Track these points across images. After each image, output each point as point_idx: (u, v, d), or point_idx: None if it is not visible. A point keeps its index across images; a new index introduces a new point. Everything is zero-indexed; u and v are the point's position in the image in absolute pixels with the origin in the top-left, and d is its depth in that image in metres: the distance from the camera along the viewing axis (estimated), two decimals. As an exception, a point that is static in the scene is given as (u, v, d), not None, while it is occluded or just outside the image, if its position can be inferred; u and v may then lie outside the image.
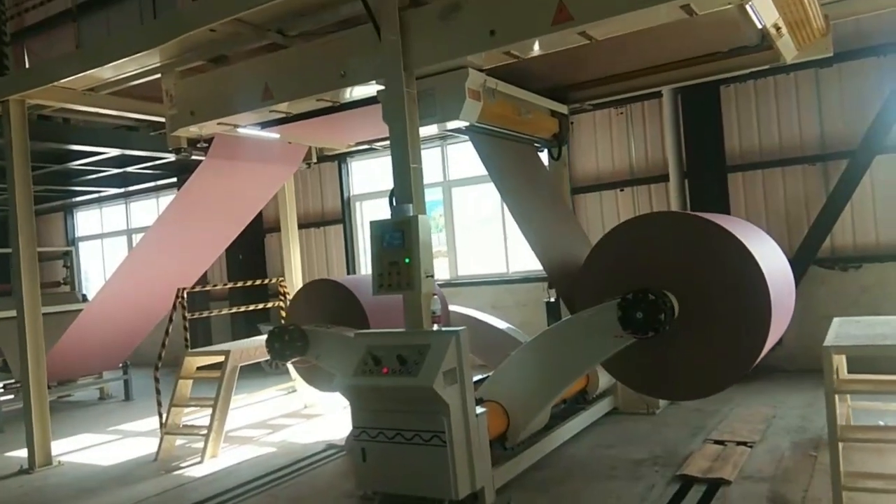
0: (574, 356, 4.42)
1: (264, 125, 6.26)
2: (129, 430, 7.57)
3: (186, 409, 6.46)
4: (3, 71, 8.09)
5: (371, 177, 11.25)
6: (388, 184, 10.63)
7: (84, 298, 10.23)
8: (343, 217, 11.15)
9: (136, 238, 14.10)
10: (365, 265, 11.14)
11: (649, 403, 6.20)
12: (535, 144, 6.18)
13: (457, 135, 5.43)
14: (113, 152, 9.25)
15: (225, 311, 8.49)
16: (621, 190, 8.86)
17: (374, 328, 5.47)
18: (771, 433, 5.31)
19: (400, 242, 4.30)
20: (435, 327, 4.35)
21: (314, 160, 7.89)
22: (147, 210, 14.06)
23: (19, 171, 6.30)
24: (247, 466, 5.71)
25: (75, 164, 10.28)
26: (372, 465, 4.30)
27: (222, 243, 8.04)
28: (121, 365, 9.44)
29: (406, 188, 4.46)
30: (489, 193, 9.97)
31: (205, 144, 6.39)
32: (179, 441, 6.44)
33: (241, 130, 6.25)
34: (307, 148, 7.56)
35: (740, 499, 4.10)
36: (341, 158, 11.04)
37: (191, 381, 6.51)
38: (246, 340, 7.34)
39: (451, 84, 4.61)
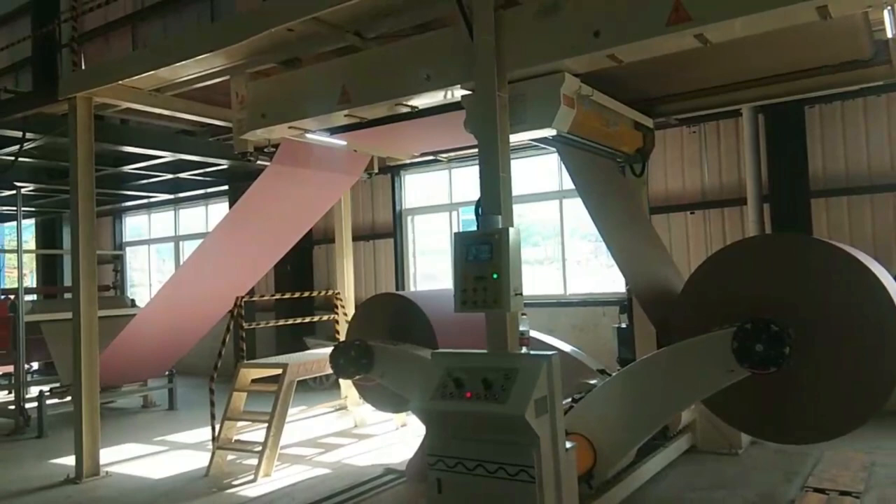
0: (676, 389, 4.03)
1: (333, 131, 6.05)
2: (175, 442, 7.33)
3: (239, 424, 6.18)
4: (55, 74, 8.05)
5: (424, 191, 11.00)
6: (441, 198, 10.56)
7: (133, 303, 10.12)
8: (394, 231, 10.89)
9: (185, 245, 14.07)
10: (414, 281, 10.86)
11: (731, 442, 5.76)
12: (618, 160, 5.82)
13: (541, 146, 5.10)
14: (169, 156, 9.13)
15: (281, 323, 8.23)
16: (692, 213, 8.43)
17: (441, 347, 5.14)
18: (875, 483, 4.82)
19: (488, 256, 3.97)
20: (523, 350, 3.99)
21: (375, 170, 7.64)
22: (196, 217, 14.01)
23: (83, 172, 6.16)
24: (302, 489, 5.40)
25: (129, 167, 10.23)
26: (448, 498, 3.94)
27: (278, 253, 7.82)
28: (166, 373, 9.26)
29: (494, 198, 4.14)
30: (546, 209, 9.66)
31: (272, 149, 6.19)
32: (230, 456, 6.17)
33: (309, 136, 6.03)
34: (369, 158, 7.32)
35: (863, 558, 3.64)
36: (395, 171, 10.82)
37: (245, 395, 6.24)
38: (302, 353, 7.08)
39: (545, 89, 4.29)
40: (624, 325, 6.76)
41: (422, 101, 4.99)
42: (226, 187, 12.58)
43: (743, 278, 4.04)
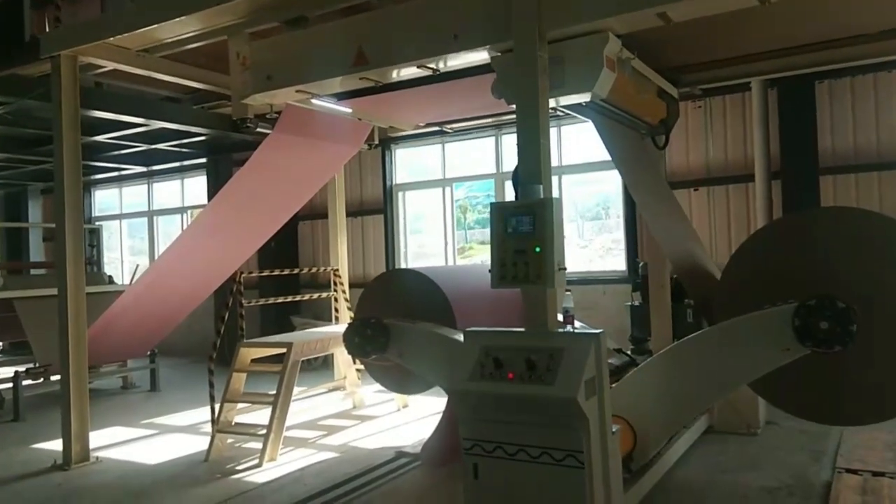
0: (724, 370, 3.83)
1: (340, 97, 5.70)
2: (165, 425, 6.97)
3: (239, 406, 5.85)
4: (21, 37, 7.47)
5: (415, 166, 10.67)
6: (433, 173, 10.22)
7: (110, 280, 9.64)
8: (385, 207, 10.54)
9: (159, 220, 13.52)
10: (405, 259, 10.55)
11: (749, 423, 5.65)
12: (641, 131, 5.59)
13: (571, 113, 4.82)
14: (150, 125, 8.60)
15: (280, 300, 7.84)
16: (695, 189, 8.28)
17: (460, 326, 4.88)
18: (914, 464, 4.73)
19: (529, 228, 3.71)
20: (568, 328, 3.76)
21: (376, 141, 7.30)
22: (171, 191, 13.45)
23: (69, 138, 5.70)
24: (312, 473, 5.12)
25: (102, 136, 9.65)
26: (486, 485, 3.71)
27: (275, 226, 7.45)
28: (148, 353, 8.84)
29: (535, 166, 3.86)
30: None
31: (274, 115, 5.81)
32: (229, 440, 5.85)
33: (314, 102, 5.67)
34: (371, 127, 6.97)
35: (921, 543, 3.52)
36: (385, 144, 10.45)
37: (244, 375, 5.91)
38: (304, 332, 6.77)
39: (588, 50, 4.01)
40: (637, 304, 6.58)
41: (447, 63, 4.68)
42: (203, 160, 12.07)
43: (793, 254, 3.85)
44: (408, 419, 6.73)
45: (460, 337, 4.55)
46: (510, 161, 9.49)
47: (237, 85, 5.41)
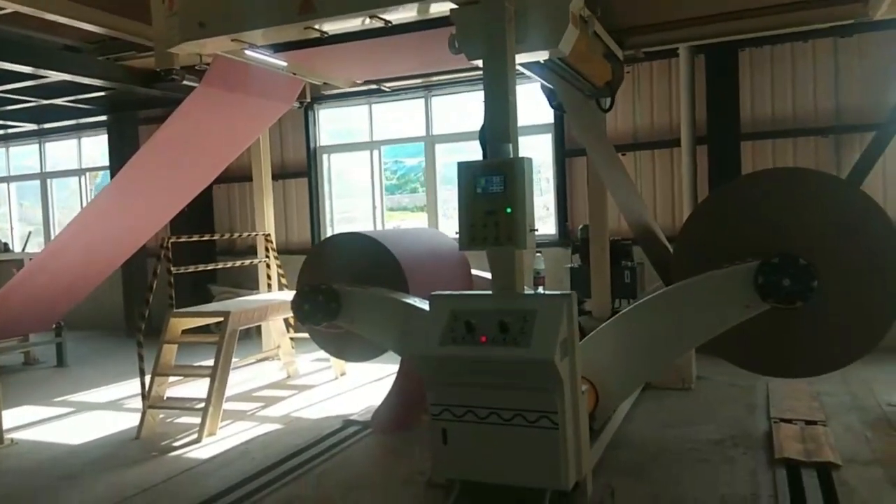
0: (685, 328, 3.91)
1: (277, 49, 5.35)
2: (82, 403, 6.47)
3: (170, 379, 5.50)
4: None
5: (338, 128, 10.30)
6: (359, 135, 9.92)
7: (6, 248, 8.79)
8: (308, 170, 10.13)
9: (53, 183, 12.46)
10: (331, 224, 10.23)
11: (683, 378, 5.88)
12: (586, 93, 5.57)
13: (524, 72, 4.71)
14: (52, 76, 7.79)
15: (211, 267, 7.42)
16: (623, 154, 8.41)
17: (412, 292, 4.75)
18: (832, 412, 5.06)
19: (500, 188, 3.61)
20: (540, 290, 3.71)
21: (308, 99, 6.96)
22: (66, 151, 12.39)
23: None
24: (258, 447, 4.90)
25: (-9, 89, 8.71)
26: (456, 449, 3.65)
27: (195, 189, 6.96)
28: (54, 326, 8.17)
29: (503, 125, 3.75)
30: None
31: (203, 66, 5.38)
32: (160, 416, 5.50)
33: (248, 53, 5.29)
34: (303, 84, 6.62)
35: (863, 483, 3.77)
36: (308, 105, 9.99)
37: (175, 347, 5.54)
38: (240, 300, 6.41)
39: (554, 5, 3.91)
40: (577, 266, 6.66)
41: (400, 14, 4.44)
42: (104, 118, 11.15)
43: (747, 214, 3.96)
44: (347, 387, 6.57)
45: (416, 301, 4.46)
46: (440, 124, 9.34)
47: (162, 32, 4.97)
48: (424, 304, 4.44)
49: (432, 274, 5.18)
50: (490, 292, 3.82)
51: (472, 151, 9.53)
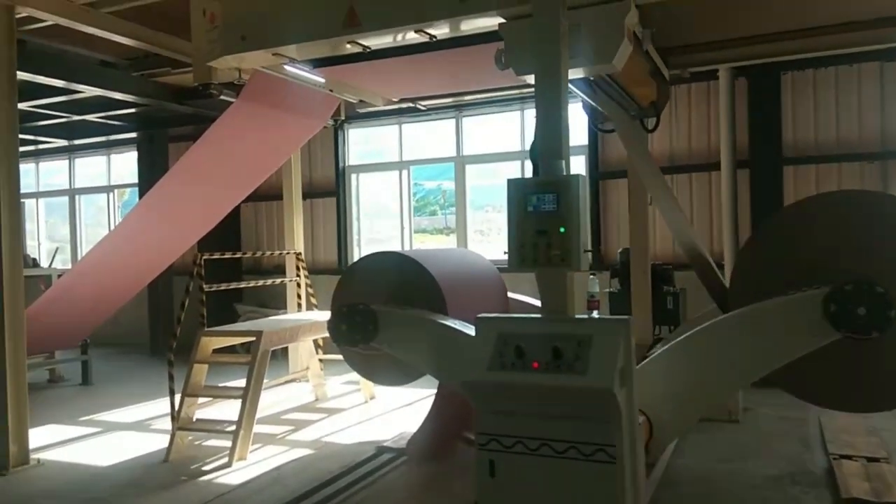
0: (746, 358, 3.69)
1: (317, 64, 5.27)
2: (108, 422, 6.34)
3: (200, 400, 5.35)
4: None
5: (365, 149, 10.24)
6: (388, 155, 9.84)
7: (35, 263, 8.77)
8: (337, 189, 10.05)
9: (81, 199, 12.51)
10: (358, 244, 10.12)
11: (730, 409, 5.63)
12: (631, 113, 5.42)
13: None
14: (85, 91, 7.78)
15: (243, 285, 7.28)
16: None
17: (451, 314, 4.58)
18: (894, 447, 4.79)
19: (553, 207, 3.44)
20: (595, 314, 3.53)
21: (342, 117, 6.88)
22: (95, 168, 12.45)
23: (4, 99, 5.01)
24: (290, 473, 4.72)
25: (22, 105, 8.72)
26: (504, 483, 3.44)
27: (228, 206, 6.94)
28: (79, 344, 8.09)
29: (556, 141, 3.59)
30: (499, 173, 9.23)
31: (242, 81, 5.30)
32: (188, 438, 5.34)
33: (287, 69, 5.21)
34: (338, 102, 6.53)
35: (940, 528, 3.51)
36: (338, 124, 9.95)
37: (206, 367, 5.40)
38: (272, 320, 6.28)
39: (609, 19, 3.78)
40: (616, 290, 6.46)
41: (445, 29, 4.34)
42: (134, 135, 11.19)
43: (813, 238, 3.76)
44: (377, 411, 6.38)
45: (457, 324, 4.30)
46: (470, 144, 9.24)
47: (202, 46, 4.90)
48: (466, 328, 4.29)
49: (470, 296, 5.02)
50: (537, 315, 3.65)
51: (502, 173, 9.51)
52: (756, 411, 5.82)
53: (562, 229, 3.42)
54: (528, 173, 9.00)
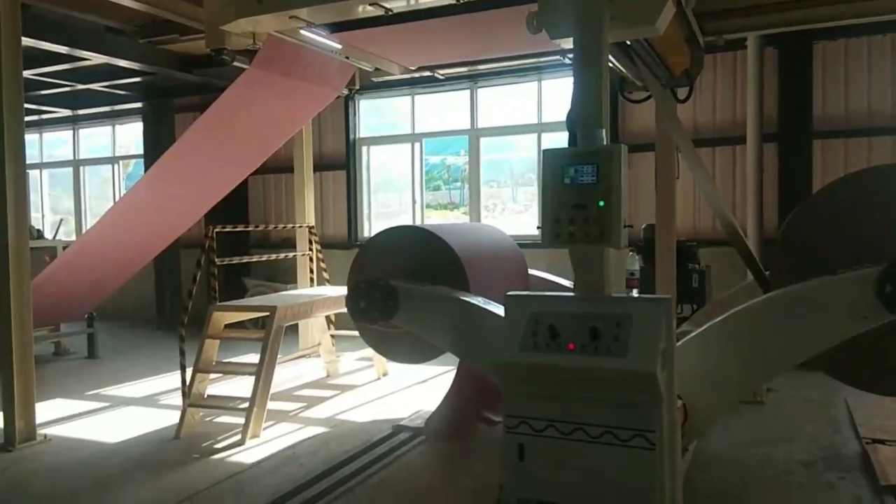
0: (790, 341, 3.51)
1: (334, 29, 5.03)
2: (115, 397, 6.21)
3: (212, 376, 5.21)
4: None
5: (378, 120, 9.98)
6: (400, 128, 9.60)
7: (39, 234, 8.60)
8: (347, 162, 9.82)
9: (85, 170, 12.30)
10: (368, 219, 9.91)
11: (755, 391, 5.46)
12: (662, 82, 5.18)
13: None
14: (91, 59, 7.53)
15: (255, 259, 7.05)
16: (680, 151, 8.00)
17: (473, 291, 4.40)
18: (930, 433, 4.63)
19: (593, 179, 3.23)
20: (634, 293, 3.34)
21: (357, 86, 6.63)
22: (100, 139, 12.22)
23: (8, 68, 4.80)
24: (306, 452, 4.58)
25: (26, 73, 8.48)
26: (534, 467, 3.28)
27: (237, 178, 6.74)
28: (86, 316, 7.94)
29: (595, 109, 3.36)
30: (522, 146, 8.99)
31: (256, 46, 5.07)
32: (198, 414, 5.21)
33: (304, 33, 4.98)
34: (353, 70, 6.29)
35: None
36: (348, 96, 9.69)
37: (217, 343, 5.25)
38: (285, 294, 6.12)
39: (652, -21, 3.53)
40: (639, 268, 6.26)
41: (472, -11, 4.11)
42: (139, 104, 10.95)
43: (859, 216, 3.55)
44: (391, 389, 6.25)
45: (481, 302, 4.12)
46: (486, 116, 8.98)
47: (215, 9, 4.68)
48: (491, 306, 4.11)
49: (492, 272, 4.83)
50: (571, 294, 3.46)
51: (509, 148, 9.27)
52: (781, 392, 5.66)
53: (601, 203, 3.20)
54: (545, 146, 8.85)
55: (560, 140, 8.73)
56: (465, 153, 9.41)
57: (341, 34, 5.11)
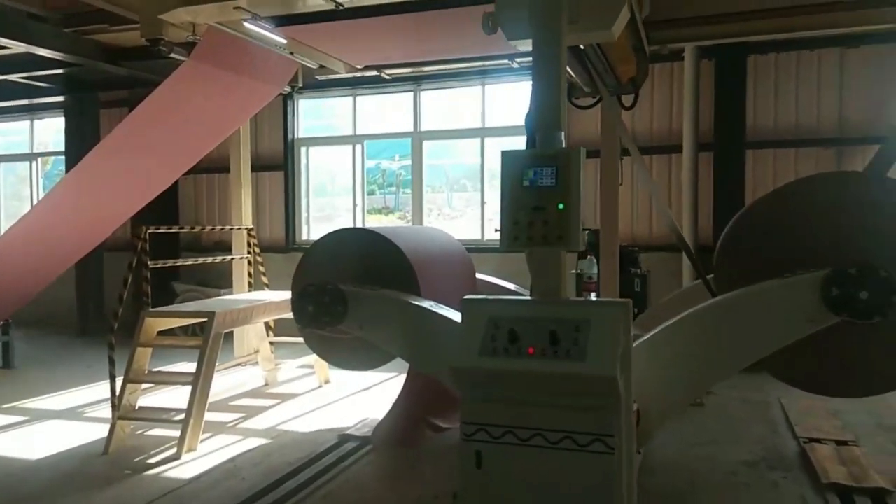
0: (740, 344, 3.57)
1: (280, 22, 4.86)
2: (35, 410, 5.78)
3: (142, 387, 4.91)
4: None
5: (318, 122, 9.76)
6: (339, 128, 9.42)
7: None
8: (285, 163, 9.55)
9: (2, 167, 11.54)
10: (307, 221, 9.66)
11: (696, 393, 5.57)
12: (609, 90, 5.23)
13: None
14: (14, 47, 7.01)
15: (189, 262, 6.63)
16: (620, 159, 8.15)
17: (424, 295, 4.31)
18: (858, 431, 4.81)
19: (552, 182, 3.20)
20: (592, 296, 3.33)
21: (300, 84, 6.43)
22: (16, 134, 11.48)
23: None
24: (247, 464, 4.36)
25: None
26: (492, 474, 3.22)
27: (170, 177, 6.42)
28: (1, 323, 7.41)
29: (554, 111, 3.35)
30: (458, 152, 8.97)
31: (195, 39, 4.83)
32: (129, 427, 4.90)
33: (247, 26, 4.78)
34: (296, 67, 6.10)
35: (926, 514, 3.50)
36: (288, 95, 9.43)
37: (150, 351, 4.95)
38: (223, 299, 5.84)
39: (608, -16, 3.55)
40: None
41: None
42: (60, 98, 10.34)
43: (806, 221, 3.65)
44: (334, 397, 6.06)
45: (434, 306, 4.04)
46: (429, 119, 8.91)
47: (153, -4, 4.43)
48: (443, 310, 4.03)
49: (441, 276, 4.75)
50: (528, 297, 3.42)
51: (452, 153, 9.25)
52: (719, 394, 5.80)
53: (560, 206, 3.18)
54: (488, 151, 8.84)
55: (503, 145, 8.79)
56: (400, 158, 9.37)
57: (287, 28, 4.93)
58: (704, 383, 3.74)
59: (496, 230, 3.36)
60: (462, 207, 9.25)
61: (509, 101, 8.54)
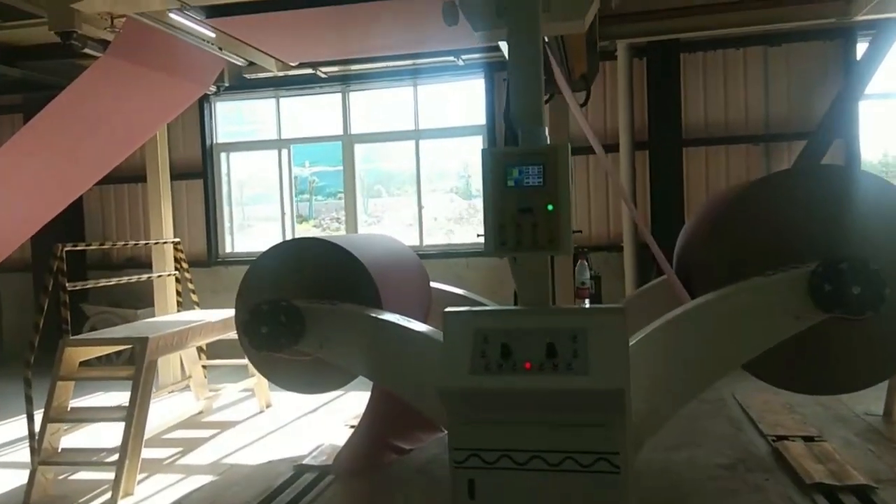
0: (726, 346, 3.43)
1: (210, 13, 4.40)
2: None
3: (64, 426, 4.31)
4: None
5: (238, 126, 9.18)
6: (261, 134, 8.93)
7: None
8: (204, 170, 8.91)
9: None
10: (230, 231, 9.05)
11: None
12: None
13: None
14: None
15: (114, 282, 5.90)
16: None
17: (385, 307, 3.98)
18: (819, 425, 4.84)
19: (539, 181, 2.98)
20: (586, 303, 3.12)
21: (226, 83, 5.93)
22: None
23: None
24: (195, 507, 3.89)
25: None
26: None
27: (80, 188, 5.74)
28: None
29: (535, 106, 3.12)
30: (401, 154, 8.65)
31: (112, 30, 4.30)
32: (51, 472, 4.29)
33: (173, 17, 4.30)
34: (223, 65, 5.61)
35: (911, 507, 3.49)
36: (204, 97, 8.79)
37: (72, 385, 4.36)
38: (153, 321, 5.25)
39: (582, -28, 3.35)
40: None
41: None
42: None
43: (785, 216, 3.58)
44: (279, 423, 5.59)
45: (402, 320, 3.72)
46: (358, 122, 8.54)
47: (64, -18, 3.89)
48: (412, 324, 3.72)
49: (400, 285, 4.44)
50: (514, 307, 3.18)
51: (395, 155, 8.95)
52: (675, 393, 5.75)
53: (550, 207, 2.96)
54: (423, 155, 8.55)
55: (439, 147, 8.53)
56: (309, 164, 8.97)
57: (217, 20, 4.46)
58: (697, 387, 3.59)
59: (479, 235, 3.06)
60: (378, 213, 8.94)
61: (442, 101, 8.30)
